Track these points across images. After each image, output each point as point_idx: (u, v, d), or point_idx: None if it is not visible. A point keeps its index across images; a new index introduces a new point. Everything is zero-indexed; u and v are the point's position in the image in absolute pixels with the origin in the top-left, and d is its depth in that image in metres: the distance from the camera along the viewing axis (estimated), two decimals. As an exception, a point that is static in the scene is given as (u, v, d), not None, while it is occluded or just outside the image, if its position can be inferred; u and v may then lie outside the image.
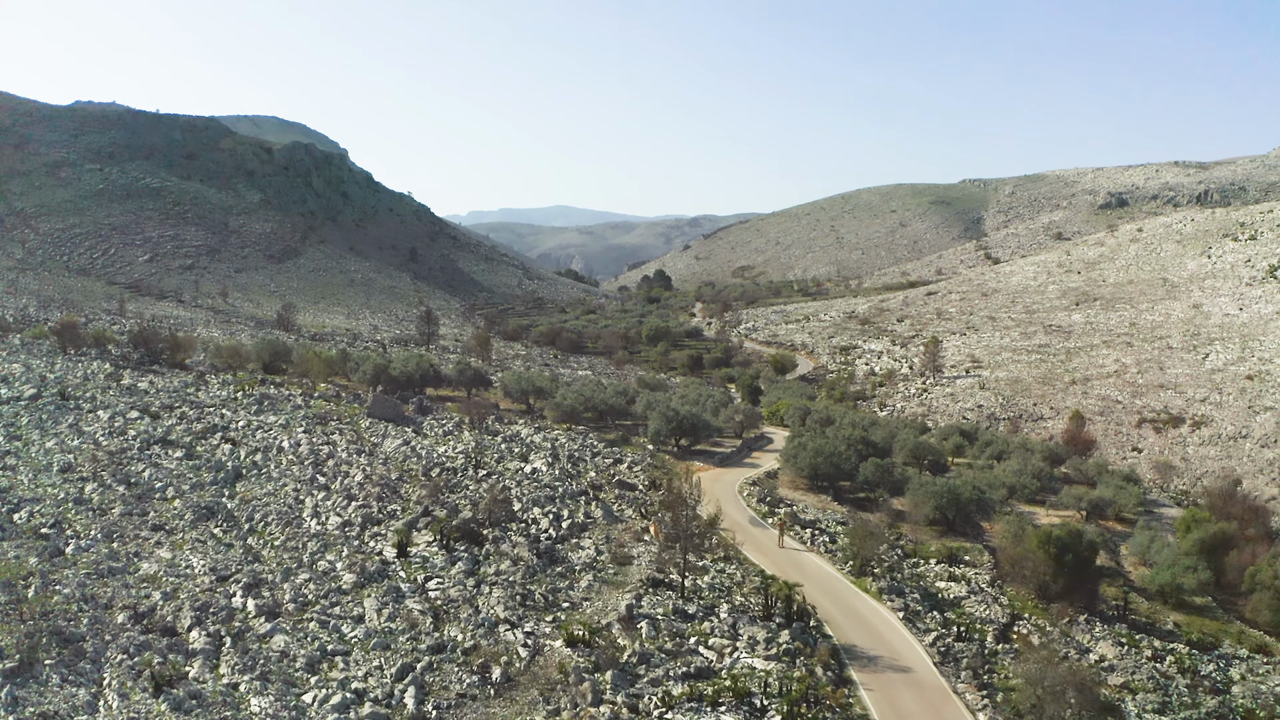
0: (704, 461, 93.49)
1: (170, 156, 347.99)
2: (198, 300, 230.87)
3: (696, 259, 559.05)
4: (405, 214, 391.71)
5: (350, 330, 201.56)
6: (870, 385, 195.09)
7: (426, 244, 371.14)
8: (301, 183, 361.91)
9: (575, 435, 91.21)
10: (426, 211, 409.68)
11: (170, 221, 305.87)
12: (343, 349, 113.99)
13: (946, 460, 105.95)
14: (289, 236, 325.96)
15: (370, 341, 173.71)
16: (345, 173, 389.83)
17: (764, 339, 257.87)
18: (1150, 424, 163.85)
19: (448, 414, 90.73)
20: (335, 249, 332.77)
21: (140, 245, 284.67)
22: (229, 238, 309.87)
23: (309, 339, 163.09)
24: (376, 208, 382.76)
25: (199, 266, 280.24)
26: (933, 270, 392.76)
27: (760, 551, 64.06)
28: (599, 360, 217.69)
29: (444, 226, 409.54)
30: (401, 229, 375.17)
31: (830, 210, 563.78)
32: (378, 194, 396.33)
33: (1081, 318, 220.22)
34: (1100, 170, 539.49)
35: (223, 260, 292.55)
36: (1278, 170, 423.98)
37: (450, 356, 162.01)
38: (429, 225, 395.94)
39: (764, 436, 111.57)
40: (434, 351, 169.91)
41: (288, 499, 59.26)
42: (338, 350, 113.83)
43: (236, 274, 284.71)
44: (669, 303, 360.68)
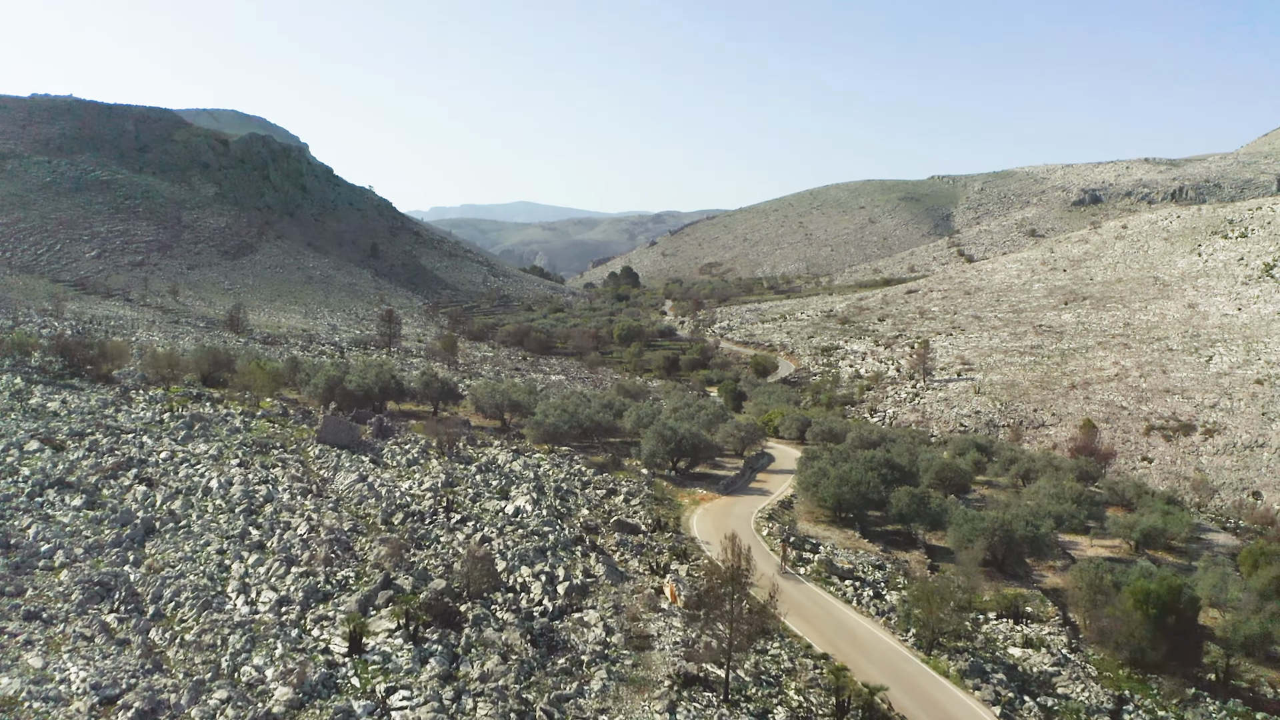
0: (707, 487, 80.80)
1: (122, 148, 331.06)
2: (146, 299, 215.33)
3: (663, 255, 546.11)
4: (366, 209, 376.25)
5: (307, 331, 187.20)
6: (858, 389, 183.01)
7: (388, 240, 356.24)
8: (258, 176, 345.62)
9: (560, 459, 78.27)
10: (388, 206, 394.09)
11: (120, 216, 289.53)
12: (293, 358, 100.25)
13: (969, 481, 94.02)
14: (245, 231, 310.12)
15: (327, 344, 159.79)
16: (304, 166, 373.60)
17: (740, 339, 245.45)
18: (1159, 431, 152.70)
19: (412, 436, 77.45)
20: (293, 245, 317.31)
21: (88, 241, 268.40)
22: (181, 233, 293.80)
23: (260, 341, 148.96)
24: (336, 202, 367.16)
25: (149, 263, 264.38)
26: (905, 267, 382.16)
27: (804, 618, 51.31)
28: (570, 362, 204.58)
29: (406, 222, 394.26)
30: (362, 224, 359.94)
31: (799, 206, 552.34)
32: (338, 188, 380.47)
33: (1072, 317, 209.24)
34: (1070, 167, 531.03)
35: (174, 257, 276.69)
36: (1252, 167, 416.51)
37: (414, 361, 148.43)
38: (391, 220, 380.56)
39: (765, 454, 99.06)
40: (396, 355, 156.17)
41: (209, 566, 45.88)
42: (287, 359, 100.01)
43: (189, 271, 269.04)
44: (638, 300, 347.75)
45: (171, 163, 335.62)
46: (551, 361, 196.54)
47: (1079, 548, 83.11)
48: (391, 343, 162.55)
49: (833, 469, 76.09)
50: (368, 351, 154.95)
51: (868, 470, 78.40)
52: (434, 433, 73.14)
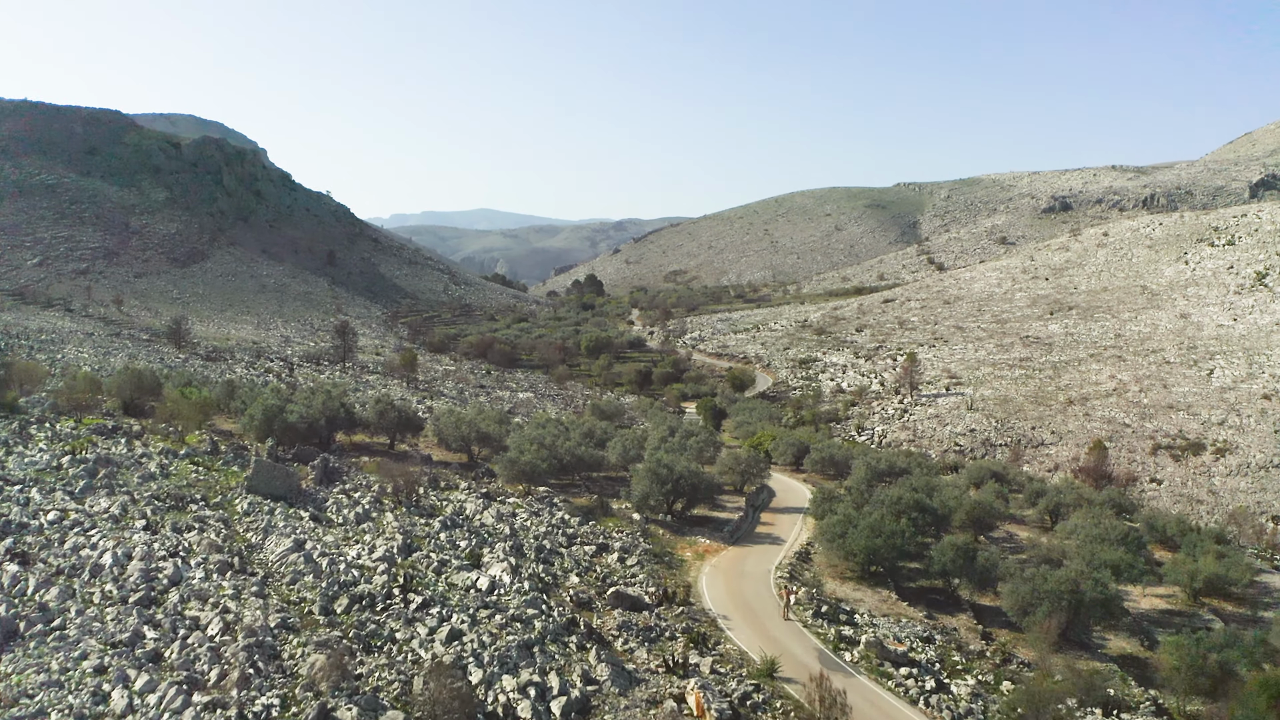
0: (709, 534, 68.87)
1: (69, 151, 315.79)
2: (89, 309, 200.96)
3: (627, 263, 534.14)
4: (323, 214, 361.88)
5: (257, 344, 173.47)
6: (842, 405, 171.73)
7: (346, 247, 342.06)
8: (211, 180, 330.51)
9: (538, 505, 66.09)
10: (346, 212, 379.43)
11: (65, 221, 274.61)
12: (229, 381, 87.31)
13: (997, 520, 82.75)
14: (196, 238, 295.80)
15: (277, 359, 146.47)
16: (259, 170, 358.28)
17: (713, 350, 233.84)
18: (1167, 450, 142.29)
19: (363, 479, 64.88)
20: (246, 252, 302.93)
21: (30, 247, 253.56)
22: (129, 239, 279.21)
23: (203, 357, 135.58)
24: (292, 208, 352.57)
25: (94, 271, 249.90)
26: (875, 275, 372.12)
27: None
28: (537, 376, 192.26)
29: (365, 228, 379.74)
30: (319, 230, 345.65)
31: (763, 213, 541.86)
32: (294, 193, 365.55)
33: (1059, 328, 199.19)
34: (1037, 174, 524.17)
35: (121, 264, 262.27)
36: (1224, 174, 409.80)
37: (370, 379, 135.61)
38: (348, 227, 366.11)
39: (765, 487, 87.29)
40: (351, 371, 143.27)
41: (82, 695, 33.27)
42: (223, 383, 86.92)
43: (136, 279, 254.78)
44: (604, 309, 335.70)
45: (121, 166, 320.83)
46: (518, 376, 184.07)
47: (1130, 598, 71.98)
48: (346, 357, 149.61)
49: (859, 516, 64.45)
50: (320, 367, 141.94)
51: (898, 516, 66.85)
52: (389, 477, 60.70)
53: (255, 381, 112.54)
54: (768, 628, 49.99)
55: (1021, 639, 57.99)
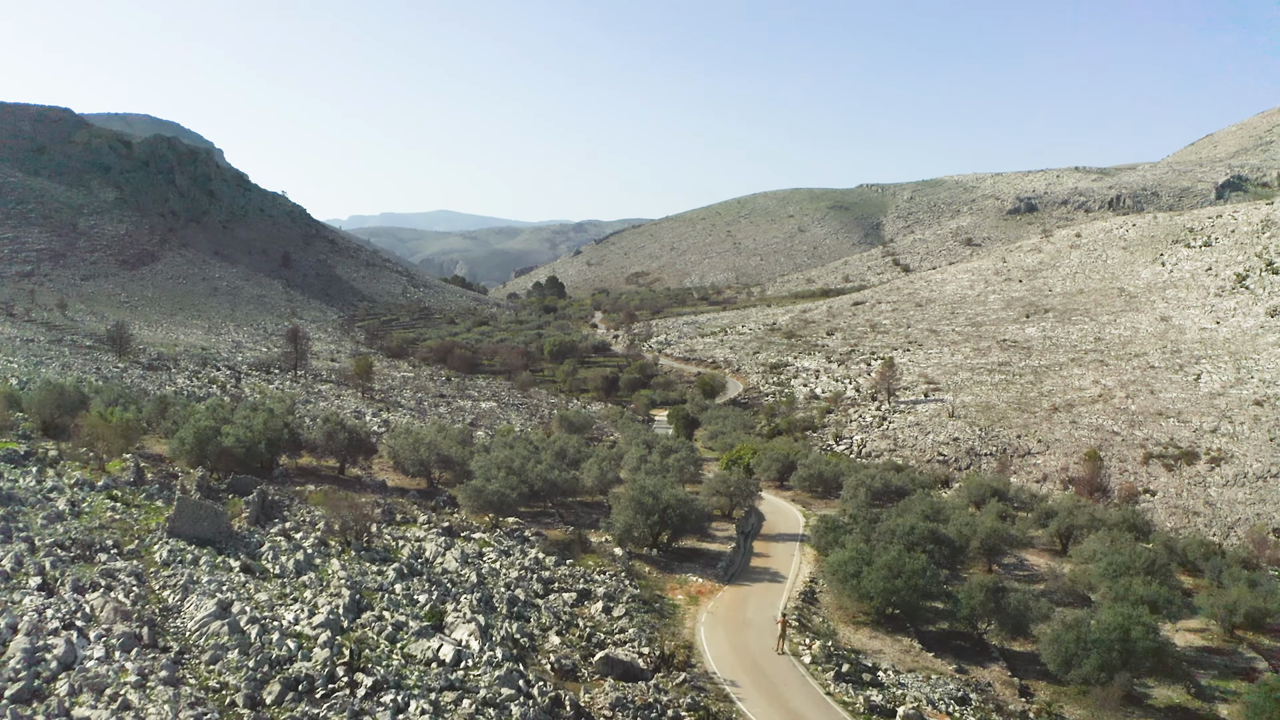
0: (700, 571, 60.99)
1: (16, 149, 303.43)
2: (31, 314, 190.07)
3: (588, 265, 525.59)
4: (278, 215, 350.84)
5: (206, 350, 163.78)
6: (817, 412, 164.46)
7: (301, 248, 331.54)
8: (163, 180, 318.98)
9: (508, 541, 57.89)
10: (302, 213, 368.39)
11: (10, 222, 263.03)
12: (162, 397, 78.35)
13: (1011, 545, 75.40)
14: (146, 239, 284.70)
15: (225, 367, 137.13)
16: (213, 169, 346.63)
17: (681, 354, 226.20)
18: (1159, 460, 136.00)
19: (307, 514, 56.31)
20: (199, 253, 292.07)
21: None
22: (77, 240, 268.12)
23: (145, 366, 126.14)
24: (247, 208, 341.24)
25: (39, 273, 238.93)
26: (840, 277, 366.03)
27: None
28: (500, 382, 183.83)
29: (321, 229, 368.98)
30: (274, 232, 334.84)
31: (726, 215, 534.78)
32: (248, 193, 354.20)
33: (1037, 331, 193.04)
34: (1000, 176, 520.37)
35: (68, 266, 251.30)
36: (1189, 175, 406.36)
37: (322, 389, 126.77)
38: (304, 228, 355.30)
39: (753, 511, 79.58)
40: (303, 380, 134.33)
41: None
42: (155, 399, 77.92)
43: (82, 282, 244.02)
44: (566, 312, 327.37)
45: (70, 165, 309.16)
46: (479, 383, 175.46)
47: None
48: (298, 365, 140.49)
49: (872, 552, 56.83)
50: (270, 376, 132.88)
51: (913, 550, 59.27)
52: (337, 512, 52.22)
53: (196, 394, 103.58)
54: (784, 697, 42.12)
55: (1063, 693, 50.67)
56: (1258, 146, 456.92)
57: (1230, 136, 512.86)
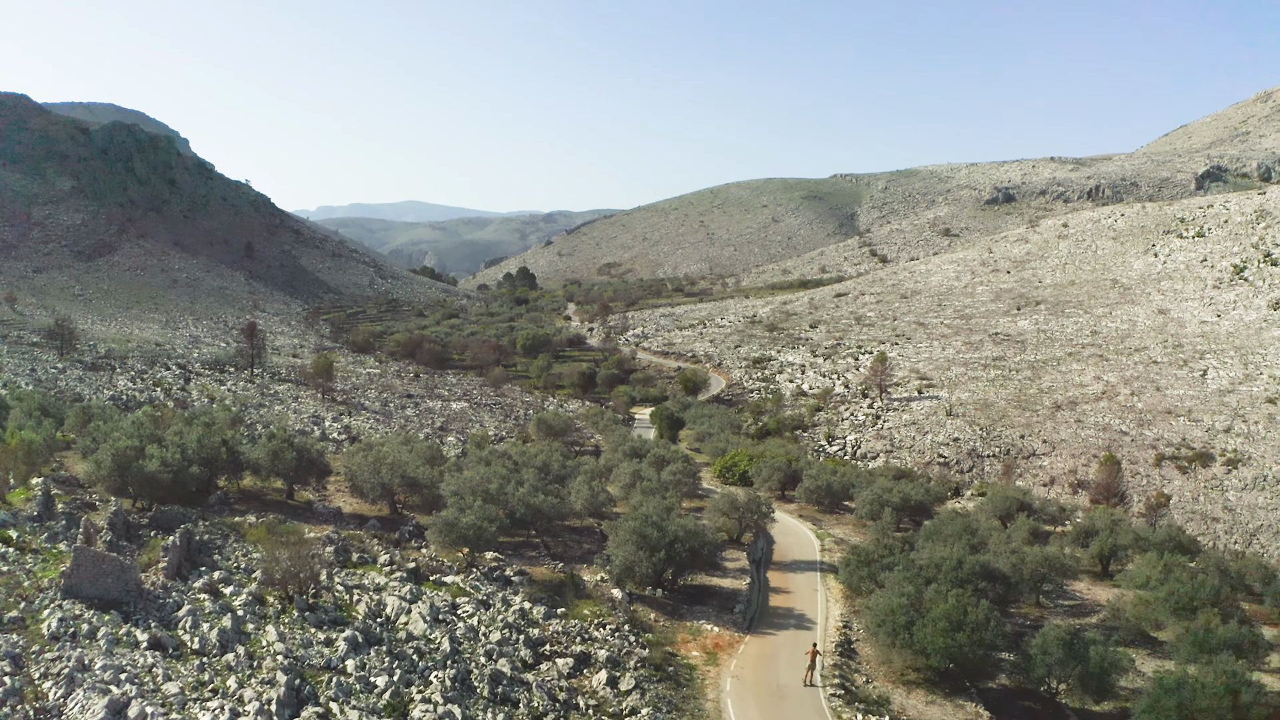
0: (714, 616, 50.82)
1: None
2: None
3: (560, 255, 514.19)
4: (242, 204, 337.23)
5: (160, 346, 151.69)
6: (806, 410, 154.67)
7: (265, 238, 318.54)
8: (122, 168, 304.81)
9: (486, 586, 47.48)
10: (266, 202, 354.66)
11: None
12: (84, 408, 67.26)
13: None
14: (103, 230, 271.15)
15: (176, 365, 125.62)
16: (174, 157, 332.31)
17: (659, 348, 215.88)
18: (1172, 462, 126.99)
19: (242, 555, 45.71)
20: (158, 244, 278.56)
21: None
22: (30, 231, 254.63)
23: (87, 367, 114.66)
24: (209, 197, 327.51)
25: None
26: (816, 268, 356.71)
27: None
28: (471, 378, 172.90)
29: (285, 219, 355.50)
30: (237, 221, 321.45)
31: (699, 205, 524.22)
32: (210, 182, 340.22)
33: (1030, 324, 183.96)
34: (975, 166, 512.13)
35: (19, 258, 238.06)
36: (1168, 165, 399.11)
37: (279, 389, 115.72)
38: (268, 217, 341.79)
39: (762, 532, 69.41)
40: (260, 379, 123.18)
41: None
42: (77, 409, 66.80)
43: (35, 274, 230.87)
44: (538, 304, 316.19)
45: (25, 153, 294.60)
46: (449, 380, 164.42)
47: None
48: (255, 363, 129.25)
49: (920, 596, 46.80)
50: (224, 375, 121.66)
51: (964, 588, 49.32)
52: (276, 563, 41.54)
53: (136, 399, 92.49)
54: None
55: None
56: (1234, 137, 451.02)
57: (1205, 128, 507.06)
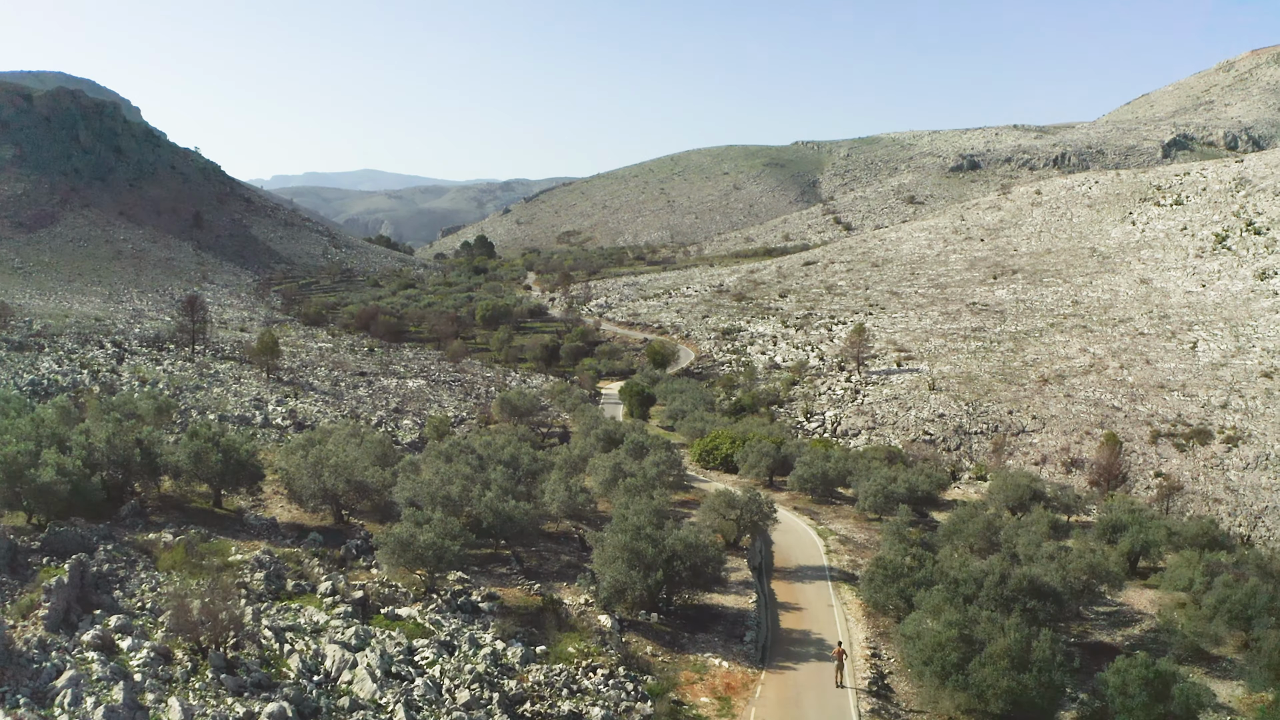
0: (722, 646, 42.45)
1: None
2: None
3: (518, 224, 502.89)
4: (190, 173, 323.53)
5: (100, 321, 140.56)
6: (781, 384, 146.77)
7: (214, 207, 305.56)
8: (66, 136, 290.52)
9: (450, 622, 38.71)
10: (216, 169, 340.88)
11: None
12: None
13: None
14: (46, 200, 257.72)
15: (111, 343, 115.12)
16: (120, 124, 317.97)
17: (624, 319, 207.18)
18: (1169, 439, 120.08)
19: (149, 594, 36.70)
20: (103, 214, 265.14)
21: None
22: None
23: (12, 345, 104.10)
24: (157, 165, 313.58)
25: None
26: (780, 236, 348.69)
27: None
28: (429, 352, 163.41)
29: (236, 187, 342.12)
30: (185, 190, 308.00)
31: (659, 172, 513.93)
32: (158, 149, 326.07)
33: (1008, 294, 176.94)
34: (937, 133, 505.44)
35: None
36: (1134, 134, 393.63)
37: (221, 369, 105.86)
38: (218, 185, 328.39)
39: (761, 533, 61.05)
40: (201, 357, 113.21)
41: None
42: None
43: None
44: (497, 273, 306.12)
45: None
46: (406, 354, 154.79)
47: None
48: (196, 339, 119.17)
49: (1000, 645, 38.61)
50: (162, 354, 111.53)
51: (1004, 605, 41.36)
52: (184, 617, 32.37)
53: (58, 384, 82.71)
54: None
55: None
56: (1198, 106, 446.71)
57: (1167, 96, 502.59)
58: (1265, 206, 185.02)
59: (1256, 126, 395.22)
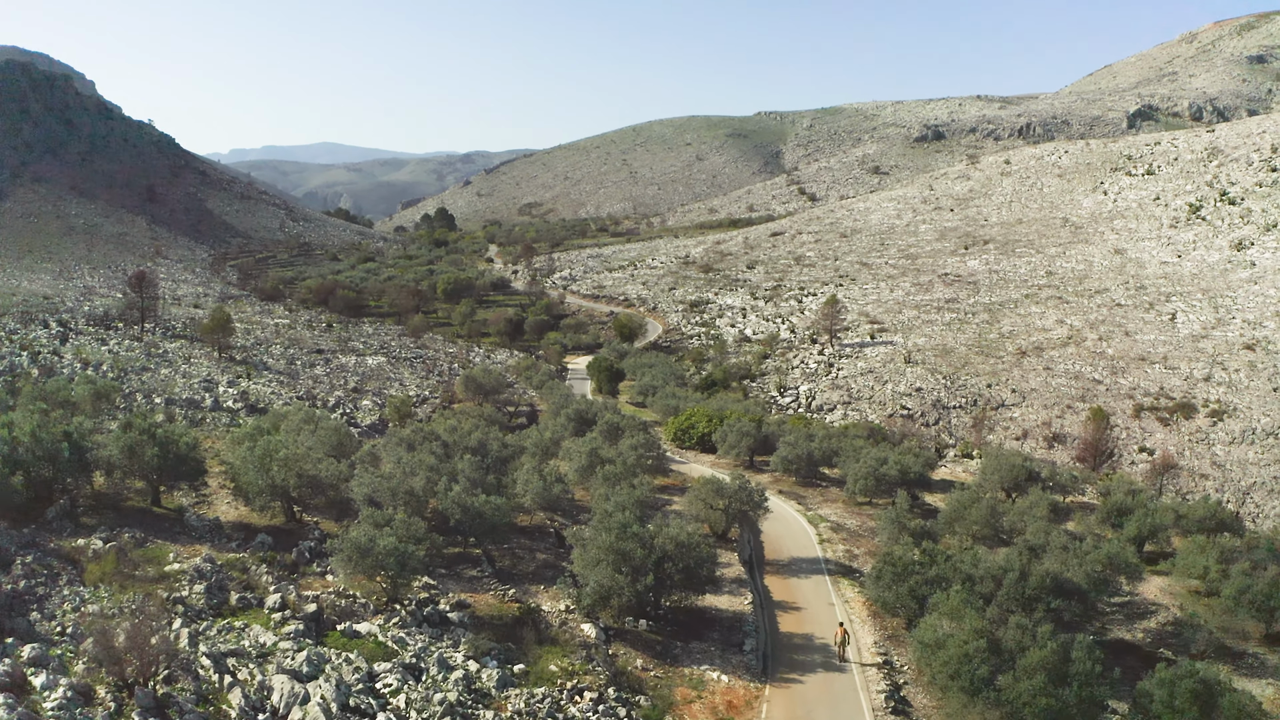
0: (719, 657, 38.11)
1: None
2: None
3: (479, 196, 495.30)
4: (144, 146, 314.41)
5: (48, 299, 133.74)
6: (753, 357, 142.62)
7: (168, 181, 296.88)
8: (15, 109, 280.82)
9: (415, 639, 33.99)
10: (170, 142, 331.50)
11: None
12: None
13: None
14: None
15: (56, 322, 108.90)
16: (72, 97, 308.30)
17: (589, 291, 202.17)
18: (1152, 413, 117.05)
19: (72, 616, 31.71)
20: (54, 189, 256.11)
21: None
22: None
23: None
24: (109, 138, 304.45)
25: None
26: (744, 206, 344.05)
27: None
28: (389, 327, 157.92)
29: (191, 160, 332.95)
30: (139, 164, 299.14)
31: (621, 143, 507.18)
32: (111, 122, 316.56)
33: (980, 265, 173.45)
34: (900, 104, 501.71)
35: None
36: (1098, 104, 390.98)
37: (170, 348, 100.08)
38: (172, 159, 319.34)
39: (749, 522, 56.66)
40: (150, 335, 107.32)
41: None
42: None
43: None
44: (459, 246, 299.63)
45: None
46: (365, 330, 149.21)
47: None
48: (146, 317, 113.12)
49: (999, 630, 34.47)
50: (109, 333, 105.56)
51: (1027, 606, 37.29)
52: (105, 644, 27.51)
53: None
54: None
55: None
56: (1161, 77, 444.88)
57: (1130, 68, 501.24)
58: (1239, 176, 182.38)
59: (1221, 98, 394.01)
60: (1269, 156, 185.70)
